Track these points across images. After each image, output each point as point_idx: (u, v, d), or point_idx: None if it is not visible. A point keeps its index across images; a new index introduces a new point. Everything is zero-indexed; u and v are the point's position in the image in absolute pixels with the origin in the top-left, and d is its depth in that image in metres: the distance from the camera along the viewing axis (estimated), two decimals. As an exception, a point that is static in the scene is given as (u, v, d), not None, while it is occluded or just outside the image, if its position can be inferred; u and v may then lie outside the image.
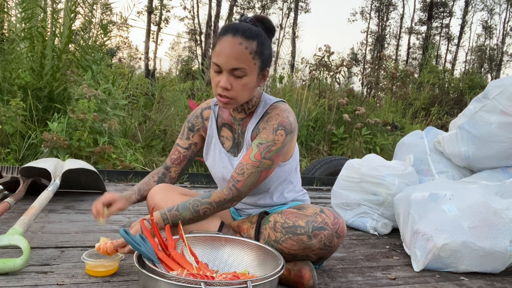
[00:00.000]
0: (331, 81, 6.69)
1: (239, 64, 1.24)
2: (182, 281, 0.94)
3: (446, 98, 11.18)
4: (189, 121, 1.52)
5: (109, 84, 4.23)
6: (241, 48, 1.23)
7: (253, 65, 1.26)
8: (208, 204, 1.29)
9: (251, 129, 1.38)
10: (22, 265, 1.21)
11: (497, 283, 1.51)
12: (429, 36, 24.00)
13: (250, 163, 1.29)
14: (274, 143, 1.30)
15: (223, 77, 1.26)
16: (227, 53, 1.24)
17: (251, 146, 1.32)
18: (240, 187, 1.29)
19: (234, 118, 1.42)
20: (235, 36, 1.24)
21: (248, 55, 1.24)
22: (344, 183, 2.23)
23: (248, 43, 1.24)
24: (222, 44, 1.25)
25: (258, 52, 1.26)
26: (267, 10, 24.63)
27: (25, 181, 2.10)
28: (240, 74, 1.25)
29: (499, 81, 2.06)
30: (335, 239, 1.25)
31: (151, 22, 16.74)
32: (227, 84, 1.25)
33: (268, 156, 1.29)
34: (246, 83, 1.27)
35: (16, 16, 4.41)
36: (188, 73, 12.45)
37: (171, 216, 1.28)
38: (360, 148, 5.33)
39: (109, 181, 3.06)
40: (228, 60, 1.24)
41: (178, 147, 1.52)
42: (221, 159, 1.44)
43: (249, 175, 1.29)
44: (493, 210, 1.59)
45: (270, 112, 1.36)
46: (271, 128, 1.31)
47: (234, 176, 1.31)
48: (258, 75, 1.30)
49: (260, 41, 1.27)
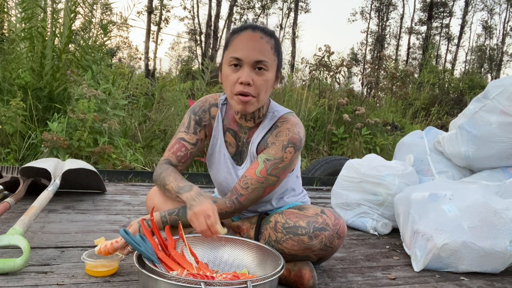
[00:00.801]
0: (331, 81, 6.69)
1: (262, 56, 1.19)
2: (182, 281, 0.94)
3: (446, 98, 11.19)
4: (196, 114, 1.39)
5: (109, 84, 4.23)
6: (263, 42, 1.21)
7: (273, 60, 1.23)
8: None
9: (257, 141, 1.32)
10: (22, 265, 1.21)
11: (497, 283, 1.51)
12: (429, 36, 24.00)
13: (255, 178, 1.26)
14: (282, 161, 1.26)
15: (243, 71, 1.19)
16: (250, 46, 1.19)
17: (257, 160, 1.27)
18: (243, 201, 1.28)
19: (241, 126, 1.36)
20: (255, 31, 1.22)
21: (269, 49, 1.22)
22: (344, 183, 2.23)
23: (268, 38, 1.22)
24: (241, 39, 1.21)
25: (277, 49, 1.25)
26: (267, 10, 24.62)
27: (25, 181, 2.10)
28: (263, 67, 1.20)
29: (499, 81, 2.06)
30: (336, 240, 1.24)
31: (151, 22, 16.74)
32: (248, 78, 1.18)
33: (274, 173, 1.26)
34: (267, 79, 1.22)
35: (16, 16, 4.41)
36: (188, 73, 12.45)
37: (170, 219, 1.27)
38: (360, 148, 5.33)
39: (109, 181, 3.06)
40: (251, 53, 1.18)
41: (184, 143, 1.37)
42: (225, 164, 1.39)
43: (253, 190, 1.27)
44: (493, 210, 1.59)
45: (279, 125, 1.30)
46: (280, 144, 1.26)
47: (238, 188, 1.28)
48: (275, 74, 1.26)
49: (277, 41, 1.26)
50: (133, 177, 3.16)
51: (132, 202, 2.42)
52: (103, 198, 2.45)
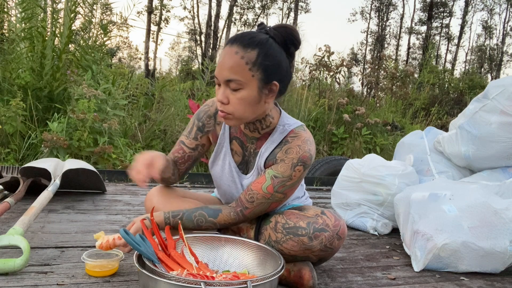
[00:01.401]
0: (331, 81, 6.69)
1: (231, 75, 1.13)
2: (182, 281, 0.94)
3: (446, 98, 11.19)
4: (199, 119, 1.38)
5: (109, 84, 4.23)
6: (236, 58, 1.13)
7: (250, 77, 1.14)
8: (212, 223, 1.28)
9: (265, 154, 1.29)
10: (22, 265, 1.21)
11: (497, 283, 1.51)
12: (429, 36, 24.01)
13: (262, 193, 1.24)
14: (290, 179, 1.24)
15: (220, 90, 1.18)
16: (222, 64, 1.15)
17: (265, 175, 1.25)
18: (247, 214, 1.28)
19: (247, 136, 1.33)
20: (232, 45, 1.15)
21: (243, 66, 1.13)
22: (344, 183, 2.23)
23: (244, 52, 1.13)
24: (221, 55, 1.19)
25: (258, 62, 1.13)
26: (267, 10, 24.62)
27: (25, 181, 2.10)
28: (234, 86, 1.14)
29: (499, 81, 2.06)
30: (336, 241, 1.24)
31: (151, 22, 16.74)
32: (222, 97, 1.16)
33: (281, 191, 1.25)
34: (243, 98, 1.15)
35: (16, 16, 4.42)
36: (188, 73, 12.46)
37: (173, 222, 1.26)
38: (360, 148, 5.33)
39: (109, 181, 3.06)
40: (221, 71, 1.15)
41: (183, 146, 1.39)
42: (230, 172, 1.36)
43: (258, 205, 1.26)
44: (493, 210, 1.59)
45: (290, 141, 1.26)
46: (290, 162, 1.23)
47: (243, 201, 1.27)
48: (261, 89, 1.16)
49: (263, 51, 1.14)
50: (133, 177, 3.16)
51: (132, 202, 2.42)
52: (103, 198, 2.45)
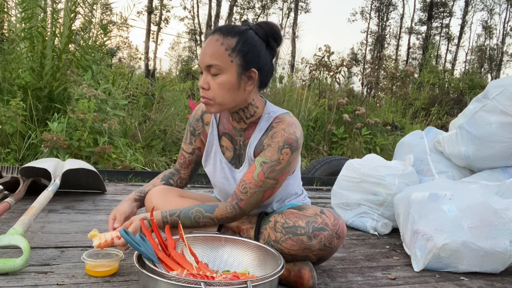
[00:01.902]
0: (331, 81, 6.70)
1: (212, 60, 1.19)
2: (182, 281, 0.94)
3: (446, 98, 11.19)
4: (190, 125, 1.47)
5: (109, 84, 4.23)
6: (217, 44, 1.20)
7: (229, 62, 1.19)
8: (209, 219, 1.29)
9: (254, 143, 1.32)
10: (22, 265, 1.21)
11: (497, 283, 1.51)
12: (429, 36, 24.01)
13: (253, 182, 1.25)
14: (278, 163, 1.25)
15: (202, 75, 1.24)
16: (203, 51, 1.22)
17: (254, 163, 1.27)
18: (243, 206, 1.28)
19: (235, 129, 1.36)
20: (214, 34, 1.22)
21: (223, 51, 1.19)
22: (344, 183, 2.23)
23: (224, 39, 1.20)
24: (203, 46, 1.25)
25: (237, 49, 1.19)
26: (267, 10, 24.63)
27: (25, 181, 2.10)
28: (214, 71, 1.20)
29: (499, 81, 2.06)
30: (335, 240, 1.24)
31: (151, 22, 16.74)
32: (203, 83, 1.22)
33: (272, 176, 1.25)
34: (222, 82, 1.20)
35: (16, 16, 4.42)
36: (188, 73, 12.46)
37: (171, 220, 1.28)
38: (360, 148, 5.34)
39: (109, 181, 3.06)
40: (203, 58, 1.21)
41: (183, 152, 1.50)
42: (222, 169, 1.39)
43: (252, 195, 1.26)
44: (493, 210, 1.59)
45: (275, 126, 1.28)
46: (276, 146, 1.25)
47: (237, 193, 1.28)
48: (240, 75, 1.21)
49: (242, 39, 1.20)
50: (133, 177, 3.16)
51: (132, 202, 2.42)
52: (103, 198, 2.45)
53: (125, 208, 1.37)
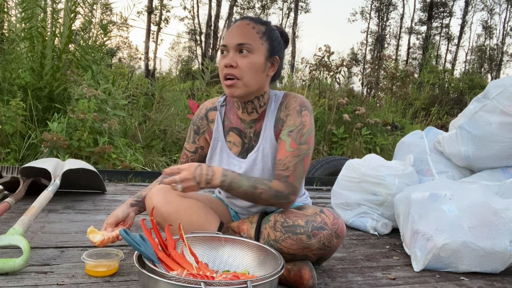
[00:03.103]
0: (331, 81, 6.70)
1: (244, 39, 1.24)
2: (182, 281, 0.94)
3: (446, 98, 11.19)
4: (194, 124, 1.48)
5: (109, 84, 4.23)
6: (248, 27, 1.26)
7: (260, 44, 1.26)
8: (267, 187, 1.25)
9: (271, 125, 1.34)
10: (22, 265, 1.21)
11: (497, 283, 1.51)
12: (429, 36, 24.01)
13: (289, 154, 1.27)
14: (303, 125, 1.29)
15: (228, 55, 1.26)
16: (233, 32, 1.26)
17: (281, 138, 1.30)
18: (292, 181, 1.27)
19: (244, 122, 1.38)
20: (243, 19, 1.29)
21: (255, 34, 1.25)
22: (344, 183, 2.23)
23: (255, 24, 1.27)
24: (230, 29, 1.29)
25: (267, 34, 1.27)
26: (267, 10, 24.62)
27: (25, 181, 2.10)
28: (245, 50, 1.24)
29: (499, 81, 2.06)
30: (334, 239, 1.24)
31: (151, 22, 16.73)
32: (231, 60, 1.24)
33: (303, 140, 1.28)
34: (252, 62, 1.24)
35: (16, 16, 4.42)
36: (188, 73, 12.46)
37: (231, 176, 1.23)
38: (360, 148, 5.33)
39: (109, 181, 3.06)
40: (232, 38, 1.25)
41: (185, 151, 1.50)
42: (228, 164, 1.39)
43: (294, 167, 1.27)
44: (493, 210, 1.59)
45: (285, 100, 1.35)
46: (294, 111, 1.31)
47: (280, 174, 1.27)
48: (266, 59, 1.28)
49: (269, 28, 1.29)
50: (133, 177, 3.16)
51: (132, 202, 2.42)
52: (103, 198, 2.45)
53: (118, 213, 1.41)
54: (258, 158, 1.35)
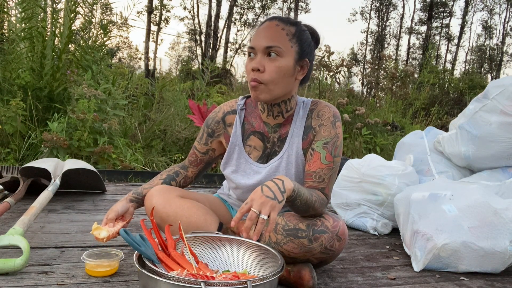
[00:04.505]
0: (331, 81, 6.69)
1: (273, 42, 1.18)
2: (182, 281, 0.94)
3: (446, 98, 11.18)
4: (208, 126, 1.42)
5: (109, 84, 4.23)
6: (278, 29, 1.20)
7: (289, 47, 1.20)
8: (318, 196, 1.22)
9: (299, 133, 1.30)
10: (22, 265, 1.21)
11: (497, 283, 1.51)
12: (429, 36, 24.01)
13: (325, 167, 1.25)
14: (337, 137, 1.27)
15: (256, 59, 1.21)
16: (262, 34, 1.21)
17: (316, 150, 1.26)
18: (328, 193, 1.27)
19: (268, 125, 1.33)
20: (272, 20, 1.23)
21: (284, 36, 1.20)
22: (344, 183, 2.23)
23: (285, 25, 1.21)
24: (257, 30, 1.23)
25: (297, 36, 1.22)
26: (267, 10, 24.61)
27: (25, 181, 2.10)
28: (274, 53, 1.18)
29: (499, 81, 2.06)
30: (336, 242, 1.23)
31: (151, 22, 16.73)
32: (258, 64, 1.19)
33: (337, 153, 1.27)
34: (280, 66, 1.19)
35: (16, 16, 4.42)
36: (188, 73, 12.45)
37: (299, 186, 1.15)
38: (360, 148, 5.33)
39: (109, 181, 3.06)
40: (261, 40, 1.20)
41: (195, 150, 1.47)
42: (245, 170, 1.36)
43: (329, 179, 1.26)
44: (493, 210, 1.59)
45: (315, 108, 1.30)
46: (328, 122, 1.27)
47: (314, 186, 1.26)
48: (296, 62, 1.22)
49: (300, 29, 1.23)
50: (133, 177, 3.16)
51: (132, 202, 2.42)
52: (103, 198, 2.45)
53: (118, 208, 1.39)
54: (282, 165, 1.32)
